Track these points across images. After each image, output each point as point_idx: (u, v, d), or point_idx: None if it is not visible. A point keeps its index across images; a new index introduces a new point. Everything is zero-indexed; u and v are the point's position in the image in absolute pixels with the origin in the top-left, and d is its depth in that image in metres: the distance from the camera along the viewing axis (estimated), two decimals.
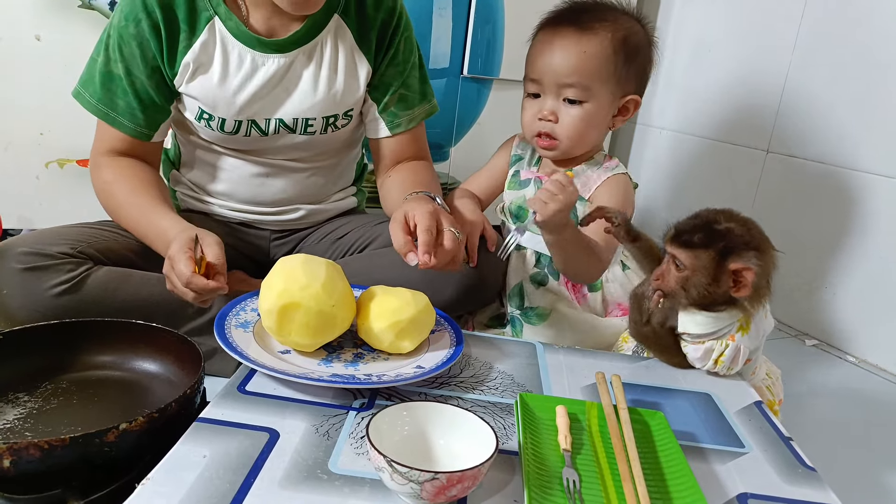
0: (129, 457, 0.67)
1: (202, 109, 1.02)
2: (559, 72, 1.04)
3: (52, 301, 0.90)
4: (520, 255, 1.13)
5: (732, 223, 0.82)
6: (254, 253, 1.19)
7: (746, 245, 0.81)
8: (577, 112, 1.05)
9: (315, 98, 1.04)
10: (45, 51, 1.39)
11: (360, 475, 0.61)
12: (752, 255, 0.80)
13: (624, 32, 1.04)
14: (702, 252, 0.81)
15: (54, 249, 0.92)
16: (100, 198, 1.04)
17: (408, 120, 1.12)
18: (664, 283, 0.85)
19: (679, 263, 0.84)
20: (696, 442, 0.74)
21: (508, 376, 0.84)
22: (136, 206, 0.99)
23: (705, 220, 0.83)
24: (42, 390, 0.80)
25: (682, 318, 0.88)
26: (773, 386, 1.03)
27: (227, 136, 1.05)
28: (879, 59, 1.44)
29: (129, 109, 1.00)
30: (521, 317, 1.13)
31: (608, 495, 0.62)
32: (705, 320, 0.86)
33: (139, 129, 1.02)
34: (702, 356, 0.88)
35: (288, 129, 1.06)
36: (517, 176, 1.16)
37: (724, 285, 0.82)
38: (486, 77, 1.76)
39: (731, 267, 0.81)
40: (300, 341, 0.77)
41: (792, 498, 0.66)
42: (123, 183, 1.01)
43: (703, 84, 1.87)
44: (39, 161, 1.46)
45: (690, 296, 0.84)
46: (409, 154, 1.15)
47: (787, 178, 1.65)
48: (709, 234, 0.81)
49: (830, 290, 1.55)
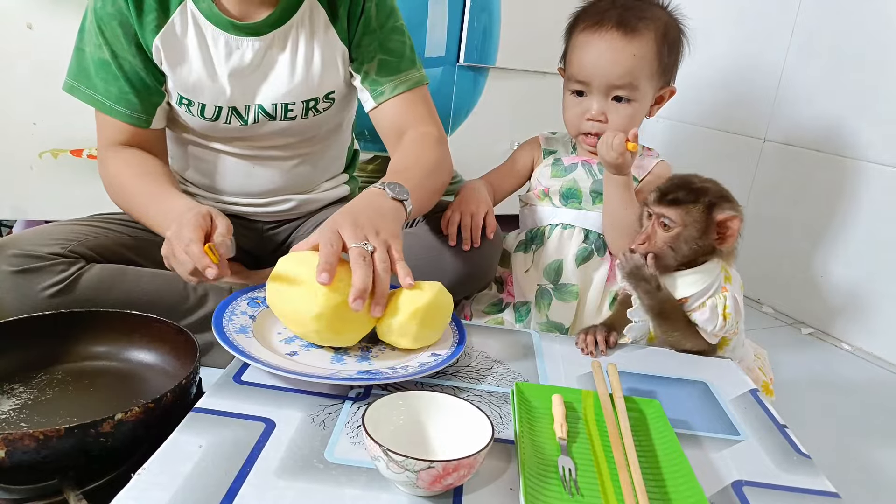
0: (125, 447, 0.67)
1: (180, 95, 1.01)
2: (610, 75, 1.07)
3: (46, 302, 0.89)
4: (566, 232, 1.16)
5: (706, 182, 0.91)
6: (248, 244, 1.18)
7: (725, 198, 0.90)
8: (627, 111, 1.09)
9: (293, 82, 1.02)
10: (37, 39, 1.37)
11: (356, 464, 0.61)
12: (732, 207, 0.89)
13: (664, 28, 1.08)
14: (691, 206, 0.89)
15: (45, 250, 0.91)
16: (109, 192, 1.02)
17: (393, 86, 1.06)
18: (651, 244, 0.91)
19: (668, 222, 0.90)
20: (692, 430, 0.75)
21: (505, 365, 0.84)
22: (144, 193, 0.97)
23: (682, 180, 0.92)
24: (37, 381, 0.80)
25: (673, 285, 0.92)
26: (763, 367, 1.04)
27: (208, 123, 1.03)
28: (877, 48, 1.44)
29: (122, 95, 0.99)
30: (554, 291, 1.14)
31: (604, 483, 0.62)
32: (696, 278, 0.90)
33: (136, 114, 1.00)
34: (710, 316, 0.91)
35: (268, 117, 1.04)
36: (559, 164, 1.19)
37: (711, 237, 0.89)
38: (482, 65, 1.75)
39: (718, 218, 0.88)
40: (353, 336, 0.78)
41: (786, 485, 0.67)
42: (129, 172, 0.99)
43: (699, 72, 1.87)
44: (33, 151, 1.45)
45: (680, 252, 0.90)
46: (408, 123, 1.08)
47: (784, 167, 1.65)
48: (693, 191, 0.89)
49: (826, 278, 1.56)
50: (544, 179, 1.18)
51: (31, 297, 0.88)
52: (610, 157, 1.02)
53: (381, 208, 0.84)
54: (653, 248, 0.90)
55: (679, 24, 1.11)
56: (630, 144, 1.01)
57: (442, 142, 1.08)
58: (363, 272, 0.73)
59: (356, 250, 0.75)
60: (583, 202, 1.15)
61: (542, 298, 1.15)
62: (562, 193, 1.16)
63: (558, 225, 1.16)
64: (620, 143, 1.01)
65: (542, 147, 1.23)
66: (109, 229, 1.02)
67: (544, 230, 1.17)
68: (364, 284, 0.72)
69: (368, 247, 0.76)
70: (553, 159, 1.20)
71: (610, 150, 1.02)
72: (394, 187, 0.88)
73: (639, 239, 0.92)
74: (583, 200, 1.15)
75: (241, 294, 0.88)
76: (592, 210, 1.14)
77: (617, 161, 1.02)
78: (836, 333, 1.53)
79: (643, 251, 0.91)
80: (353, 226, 0.77)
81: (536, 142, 1.24)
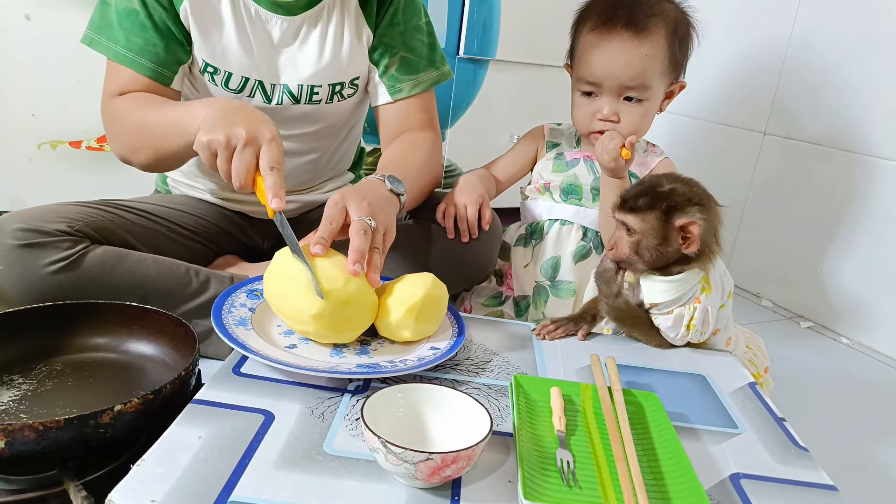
0: (124, 438, 0.67)
1: (206, 62, 0.99)
2: (622, 77, 1.05)
3: (48, 279, 0.88)
4: (564, 229, 1.16)
5: (675, 184, 0.87)
6: (249, 240, 1.18)
7: (689, 201, 0.85)
8: (640, 110, 1.08)
9: (321, 64, 1.03)
10: (35, 30, 1.37)
11: (355, 456, 0.62)
12: (696, 209, 0.85)
13: (674, 24, 1.06)
14: (648, 214, 0.86)
15: (51, 227, 0.90)
16: (119, 129, 0.97)
17: (411, 85, 1.08)
18: (618, 251, 0.89)
19: (630, 228, 0.87)
20: (690, 423, 0.75)
21: (503, 358, 0.84)
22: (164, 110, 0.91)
23: (649, 185, 0.88)
24: (37, 372, 0.80)
25: (645, 290, 0.90)
26: (755, 358, 1.04)
27: (232, 96, 1.01)
28: (878, 41, 1.43)
29: (149, 47, 0.95)
30: (551, 288, 1.14)
31: (602, 476, 0.62)
32: (668, 287, 0.88)
33: (160, 69, 0.96)
34: (673, 324, 0.90)
35: (293, 99, 1.04)
36: (561, 158, 1.18)
37: (674, 243, 0.86)
38: (482, 58, 1.75)
39: (676, 223, 0.85)
40: (352, 334, 0.78)
41: (784, 478, 0.67)
42: (144, 102, 0.93)
43: (699, 66, 1.86)
44: (32, 142, 1.44)
45: (644, 259, 0.87)
46: (414, 124, 1.10)
47: (785, 160, 1.64)
48: (653, 197, 0.86)
49: (826, 272, 1.56)
50: (545, 173, 1.18)
51: (33, 272, 0.87)
52: (603, 159, 1.02)
53: (383, 196, 0.87)
54: (620, 254, 0.89)
55: (688, 18, 1.10)
56: (624, 151, 0.99)
57: (437, 145, 1.10)
58: (362, 239, 0.76)
59: (359, 223, 0.78)
60: (583, 198, 1.15)
61: (539, 295, 1.15)
62: (562, 188, 1.16)
63: (557, 221, 1.16)
64: (615, 148, 0.99)
65: (547, 138, 1.22)
66: (115, 214, 1.01)
67: (543, 225, 1.17)
68: (362, 248, 0.75)
69: (372, 223, 0.79)
70: (556, 153, 1.19)
71: (604, 153, 1.01)
72: (392, 180, 0.91)
73: (608, 244, 0.91)
74: (583, 197, 1.15)
75: (241, 286, 0.88)
76: (592, 207, 1.14)
77: (610, 164, 1.01)
78: (835, 327, 1.54)
79: (611, 257, 0.90)
80: (360, 201, 0.81)
81: (541, 132, 1.23)
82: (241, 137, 0.77)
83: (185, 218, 1.10)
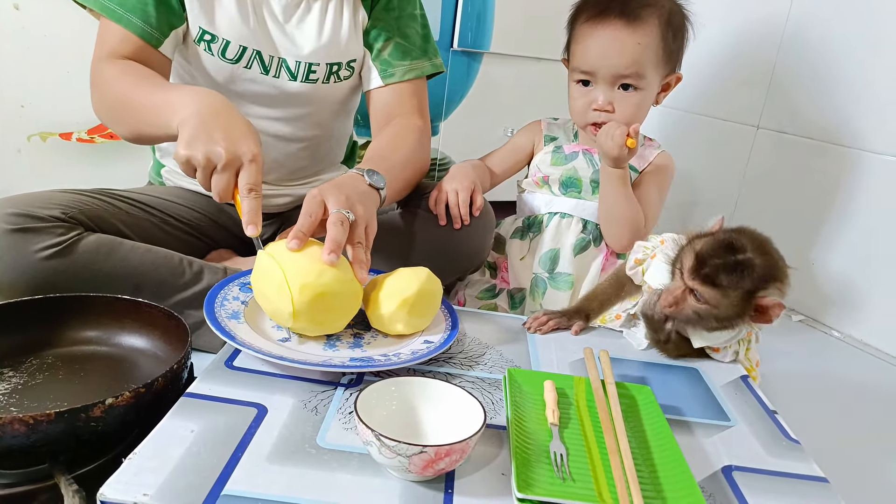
0: (115, 432, 0.67)
1: (202, 29, 0.97)
2: (616, 65, 1.06)
3: (40, 264, 0.86)
4: (564, 221, 1.16)
5: (755, 254, 0.79)
6: (243, 234, 1.17)
7: (772, 277, 0.80)
8: (635, 99, 1.09)
9: (319, 43, 1.03)
10: (24, 20, 1.35)
11: (348, 449, 0.61)
12: (776, 287, 0.80)
13: (667, 15, 1.07)
14: (730, 292, 0.79)
15: (45, 212, 0.89)
16: (101, 97, 0.94)
17: (403, 70, 1.08)
18: (678, 311, 0.83)
19: (699, 297, 0.81)
20: (683, 416, 0.75)
21: (497, 351, 0.84)
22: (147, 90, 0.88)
23: (727, 250, 0.79)
24: (27, 366, 0.79)
25: (696, 336, 0.87)
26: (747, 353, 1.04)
27: (228, 66, 0.99)
28: (872, 35, 1.44)
29: (140, 5, 0.93)
30: (549, 280, 1.14)
31: (595, 469, 0.62)
32: (723, 334, 0.86)
33: (150, 29, 0.94)
34: (730, 358, 0.90)
35: (290, 75, 1.03)
36: (560, 151, 1.18)
37: (747, 314, 0.81)
38: (476, 51, 1.74)
39: (759, 302, 0.80)
40: (339, 324, 0.78)
41: (776, 470, 0.67)
42: (128, 73, 0.91)
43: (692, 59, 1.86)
44: (21, 134, 1.43)
45: (707, 325, 0.83)
46: (404, 109, 1.09)
47: (777, 154, 1.65)
48: (735, 271, 0.78)
49: (817, 265, 1.56)
50: (544, 167, 1.18)
51: (26, 257, 0.86)
52: (607, 146, 1.02)
53: (363, 190, 0.87)
54: (679, 313, 0.83)
55: (683, 10, 1.10)
56: (629, 140, 1.00)
57: (425, 135, 1.09)
58: (338, 230, 0.76)
59: (336, 214, 0.77)
60: (582, 191, 1.15)
61: (537, 287, 1.15)
62: (561, 182, 1.16)
63: (556, 214, 1.16)
64: (621, 136, 1.00)
65: (544, 133, 1.22)
66: (109, 203, 1.00)
67: (542, 218, 1.17)
68: (338, 238, 0.75)
69: (350, 215, 0.79)
70: (554, 146, 1.19)
71: (608, 140, 1.02)
72: (372, 174, 0.90)
73: (666, 300, 0.83)
74: (582, 190, 1.15)
75: (234, 279, 0.88)
76: (591, 200, 1.15)
77: (615, 153, 1.02)
78: (827, 321, 1.54)
79: (668, 314, 0.84)
80: (338, 195, 0.80)
81: (538, 126, 1.23)
82: (221, 158, 0.77)
83: (179, 210, 1.10)
